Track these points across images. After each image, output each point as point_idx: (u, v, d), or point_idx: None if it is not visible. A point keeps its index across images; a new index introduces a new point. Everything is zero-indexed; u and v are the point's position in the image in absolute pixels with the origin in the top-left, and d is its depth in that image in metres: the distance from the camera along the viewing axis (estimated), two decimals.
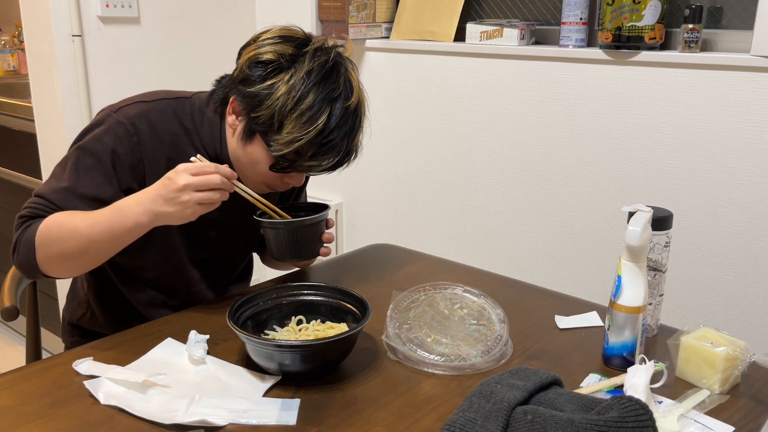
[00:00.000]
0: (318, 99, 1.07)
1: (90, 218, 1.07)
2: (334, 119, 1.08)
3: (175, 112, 1.19)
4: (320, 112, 1.07)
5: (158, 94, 1.22)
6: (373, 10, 2.30)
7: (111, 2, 2.14)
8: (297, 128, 1.07)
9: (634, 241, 0.98)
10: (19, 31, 3.45)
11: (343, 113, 1.09)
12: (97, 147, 1.14)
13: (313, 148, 1.09)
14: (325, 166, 1.12)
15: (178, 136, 1.19)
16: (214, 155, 1.20)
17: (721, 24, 1.77)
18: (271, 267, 1.49)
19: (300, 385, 0.98)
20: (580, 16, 1.86)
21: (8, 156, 2.60)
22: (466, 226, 2.21)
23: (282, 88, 1.08)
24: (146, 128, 1.16)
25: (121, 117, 1.15)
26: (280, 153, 1.10)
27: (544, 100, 1.96)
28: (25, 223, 1.10)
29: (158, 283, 1.26)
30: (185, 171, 1.02)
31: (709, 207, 1.73)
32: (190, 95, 1.23)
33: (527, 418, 0.78)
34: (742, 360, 0.97)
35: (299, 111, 1.07)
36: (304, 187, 1.44)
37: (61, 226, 1.07)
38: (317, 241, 1.24)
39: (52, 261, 1.09)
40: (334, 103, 1.09)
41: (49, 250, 1.08)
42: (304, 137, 1.08)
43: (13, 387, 0.96)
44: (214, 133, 1.19)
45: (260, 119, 1.10)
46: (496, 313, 1.14)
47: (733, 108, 1.66)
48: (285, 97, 1.07)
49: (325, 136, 1.08)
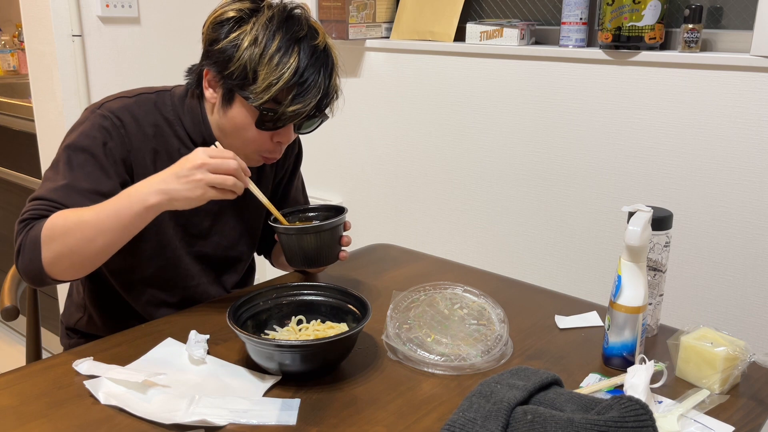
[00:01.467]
0: (284, 41, 1.10)
1: (96, 208, 1.06)
2: (304, 57, 1.10)
3: (156, 105, 1.21)
4: (289, 52, 1.09)
5: (139, 89, 1.24)
6: (373, 10, 2.30)
7: (111, 2, 2.14)
8: (270, 72, 1.09)
9: (634, 241, 0.98)
10: (19, 31, 3.45)
11: (312, 51, 1.11)
12: (87, 142, 1.14)
13: (291, 90, 1.10)
14: (308, 109, 1.12)
15: (160, 127, 1.20)
16: (201, 140, 1.21)
17: (721, 24, 1.77)
18: (281, 269, 1.48)
19: (300, 385, 0.98)
20: (580, 16, 1.86)
21: (8, 156, 2.60)
22: (466, 226, 2.21)
23: (247, 39, 1.10)
24: (130, 121, 1.17)
25: (105, 111, 1.16)
26: (261, 101, 1.10)
27: (544, 100, 1.96)
28: (27, 225, 1.08)
29: (155, 280, 1.26)
30: (203, 152, 1.04)
31: (709, 207, 1.73)
32: (170, 88, 1.25)
33: (527, 418, 0.78)
34: (742, 360, 0.97)
35: (269, 55, 1.09)
36: (297, 171, 1.44)
37: (66, 219, 1.06)
38: (336, 246, 1.22)
39: (58, 258, 1.06)
40: (301, 42, 1.11)
41: (55, 245, 1.05)
42: (280, 79, 1.09)
43: (13, 387, 0.96)
44: (195, 118, 1.21)
45: (234, 75, 1.11)
46: (496, 313, 1.14)
47: (733, 108, 1.66)
48: (252, 45, 1.10)
49: (300, 75, 1.10)
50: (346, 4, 2.22)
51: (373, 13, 2.30)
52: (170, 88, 1.25)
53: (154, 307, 1.28)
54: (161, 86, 1.26)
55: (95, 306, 1.31)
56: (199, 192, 1.03)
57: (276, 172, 1.39)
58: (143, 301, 1.27)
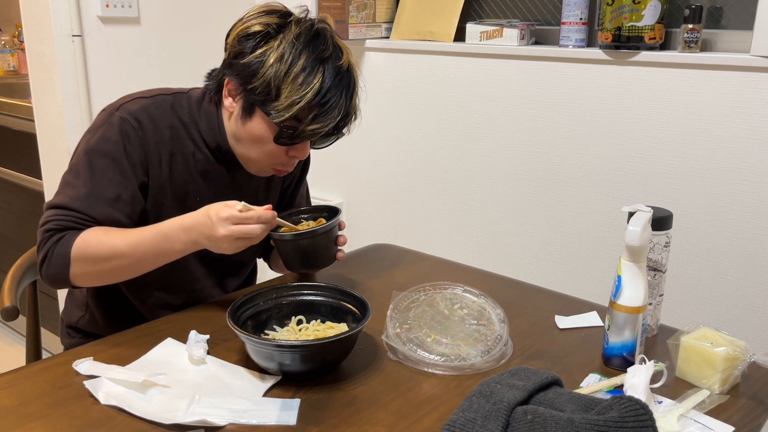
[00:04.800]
0: (310, 60, 1.10)
1: (131, 239, 1.09)
2: (328, 78, 1.10)
3: (173, 107, 1.21)
4: (314, 72, 1.09)
5: (156, 90, 1.24)
6: (373, 10, 2.30)
7: (111, 2, 2.14)
8: (294, 91, 1.09)
9: (634, 241, 0.98)
10: (19, 31, 3.45)
11: (336, 72, 1.11)
12: (107, 147, 1.14)
13: (312, 110, 1.10)
14: (327, 129, 1.12)
15: (176, 129, 1.20)
16: (215, 145, 1.21)
17: (721, 24, 1.77)
18: (279, 272, 1.48)
19: (300, 385, 0.98)
20: (580, 16, 1.86)
21: (8, 156, 2.60)
22: (466, 226, 2.21)
23: (273, 55, 1.10)
24: (148, 122, 1.17)
25: (124, 114, 1.16)
26: (282, 119, 1.10)
27: (544, 100, 1.96)
28: (54, 235, 1.10)
29: (160, 281, 1.26)
30: (227, 221, 1.04)
31: (709, 207, 1.73)
32: (186, 90, 1.25)
33: (527, 418, 0.78)
34: (742, 360, 0.97)
35: (293, 74, 1.09)
36: (303, 179, 1.44)
37: (99, 244, 1.09)
38: (332, 247, 1.22)
39: (87, 276, 1.11)
40: (326, 63, 1.11)
41: (87, 267, 1.10)
42: (303, 99, 1.09)
43: (13, 387, 0.96)
44: (212, 123, 1.21)
45: (257, 90, 1.11)
46: (496, 313, 1.14)
47: (733, 108, 1.66)
48: (277, 62, 1.09)
49: (323, 95, 1.10)
50: (346, 4, 2.22)
51: (373, 13, 2.30)
52: (187, 90, 1.25)
53: (159, 308, 1.28)
54: (177, 88, 1.26)
55: (97, 305, 1.31)
56: (230, 250, 1.07)
57: (284, 179, 1.39)
58: (149, 303, 1.28)
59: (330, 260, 1.23)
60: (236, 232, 1.04)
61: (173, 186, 1.20)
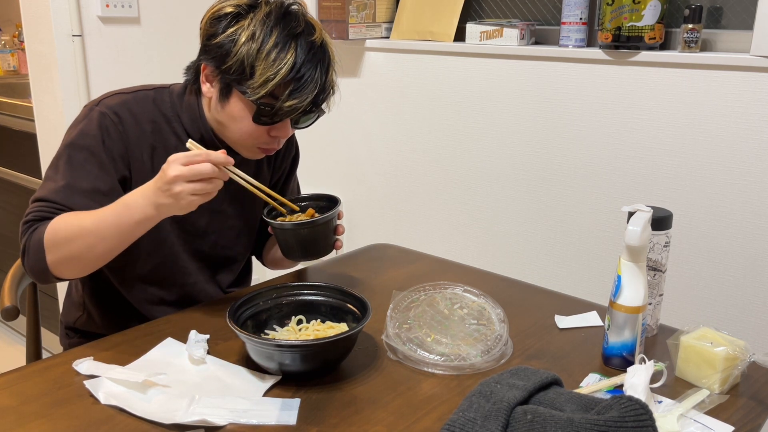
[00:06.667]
0: (281, 36, 1.10)
1: (96, 216, 1.08)
2: (301, 53, 1.11)
3: (155, 101, 1.22)
4: (286, 47, 1.10)
5: (137, 86, 1.25)
6: (373, 10, 2.30)
7: (111, 2, 2.14)
8: (268, 68, 1.09)
9: (634, 241, 0.98)
10: (19, 31, 3.45)
11: (309, 47, 1.12)
12: (86, 141, 1.15)
13: (288, 86, 1.11)
14: (305, 105, 1.12)
15: (158, 124, 1.21)
16: (198, 137, 1.22)
17: (720, 24, 1.77)
18: (272, 268, 1.49)
19: (300, 385, 0.98)
20: (579, 16, 1.86)
21: (8, 156, 2.60)
22: (465, 226, 2.21)
23: (245, 34, 1.11)
24: (128, 117, 1.18)
25: (104, 108, 1.17)
26: (258, 96, 1.11)
27: (544, 100, 1.96)
28: (30, 227, 1.11)
29: (153, 277, 1.26)
30: (176, 161, 1.02)
31: (709, 207, 1.73)
32: (168, 85, 1.26)
33: (527, 418, 0.78)
34: (741, 360, 0.97)
35: (266, 51, 1.10)
36: (293, 173, 1.44)
37: (68, 225, 1.08)
38: (331, 236, 1.23)
39: (62, 262, 1.10)
40: (298, 38, 1.12)
41: (59, 251, 1.08)
42: (277, 75, 1.09)
43: (13, 387, 0.96)
44: (193, 115, 1.22)
45: (231, 69, 1.12)
46: (496, 313, 1.14)
47: (733, 108, 1.66)
48: (249, 41, 1.10)
49: (297, 70, 1.10)
50: (346, 4, 2.22)
51: (373, 13, 2.30)
52: (168, 85, 1.26)
53: (153, 304, 1.28)
54: (159, 84, 1.27)
55: (94, 304, 1.31)
56: (184, 203, 1.03)
57: (273, 173, 1.39)
58: (142, 299, 1.27)
59: (329, 249, 1.23)
60: (186, 172, 1.00)
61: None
